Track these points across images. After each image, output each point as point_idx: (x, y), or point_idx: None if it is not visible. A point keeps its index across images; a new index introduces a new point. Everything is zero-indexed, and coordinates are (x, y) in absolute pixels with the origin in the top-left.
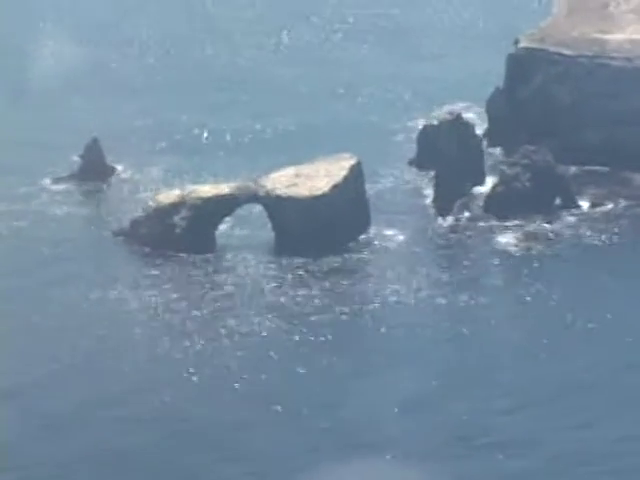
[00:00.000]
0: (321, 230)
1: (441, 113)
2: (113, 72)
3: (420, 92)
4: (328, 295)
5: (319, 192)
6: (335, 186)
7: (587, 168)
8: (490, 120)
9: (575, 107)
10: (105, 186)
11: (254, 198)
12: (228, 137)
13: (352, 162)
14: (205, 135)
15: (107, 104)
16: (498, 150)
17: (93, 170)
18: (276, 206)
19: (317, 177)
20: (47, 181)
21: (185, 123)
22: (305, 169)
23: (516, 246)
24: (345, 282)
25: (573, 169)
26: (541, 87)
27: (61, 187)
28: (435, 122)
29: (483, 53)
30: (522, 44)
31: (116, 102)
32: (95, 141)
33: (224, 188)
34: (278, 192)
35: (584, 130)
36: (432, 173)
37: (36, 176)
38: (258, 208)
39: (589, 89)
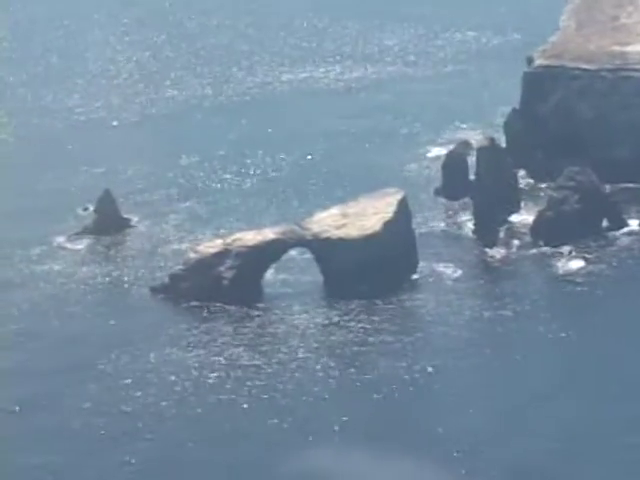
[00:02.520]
0: (373, 271)
1: (471, 138)
2: (114, 114)
3: (418, 119)
4: (392, 343)
5: (370, 231)
6: (386, 223)
7: (621, 186)
8: (509, 141)
9: (601, 122)
10: (124, 240)
11: (301, 242)
12: (239, 180)
13: (399, 197)
14: (216, 179)
15: (111, 152)
16: (522, 172)
17: (108, 224)
18: (325, 249)
19: (365, 215)
20: (61, 239)
21: (195, 167)
22: (351, 208)
23: (577, 273)
24: (409, 325)
25: (607, 188)
26: (562, 104)
27: (78, 245)
28: (464, 149)
29: (474, 75)
30: (538, 61)
31: (121, 149)
32: (107, 193)
33: (269, 234)
34: (327, 234)
35: (612, 146)
36: (462, 201)
37: (48, 234)
38: (299, 251)
39: (614, 103)
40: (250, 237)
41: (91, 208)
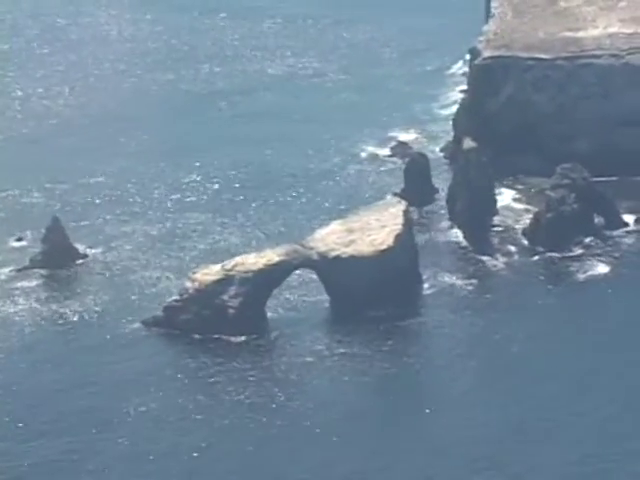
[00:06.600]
0: (384, 288)
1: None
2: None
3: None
4: (414, 366)
5: (384, 246)
6: (398, 236)
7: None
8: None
9: (560, 114)
10: (83, 272)
11: (307, 263)
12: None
13: (403, 207)
14: (168, 193)
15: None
16: None
17: (57, 255)
18: (334, 268)
19: (373, 229)
20: (3, 276)
21: (143, 179)
22: (354, 222)
23: (602, 278)
24: (429, 347)
25: None
26: (515, 97)
27: (31, 282)
28: (404, 150)
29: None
30: (486, 53)
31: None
32: (56, 220)
33: (272, 256)
34: (336, 253)
35: (574, 138)
36: (430, 207)
37: None
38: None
39: (574, 93)
40: (252, 261)
41: (25, 238)
